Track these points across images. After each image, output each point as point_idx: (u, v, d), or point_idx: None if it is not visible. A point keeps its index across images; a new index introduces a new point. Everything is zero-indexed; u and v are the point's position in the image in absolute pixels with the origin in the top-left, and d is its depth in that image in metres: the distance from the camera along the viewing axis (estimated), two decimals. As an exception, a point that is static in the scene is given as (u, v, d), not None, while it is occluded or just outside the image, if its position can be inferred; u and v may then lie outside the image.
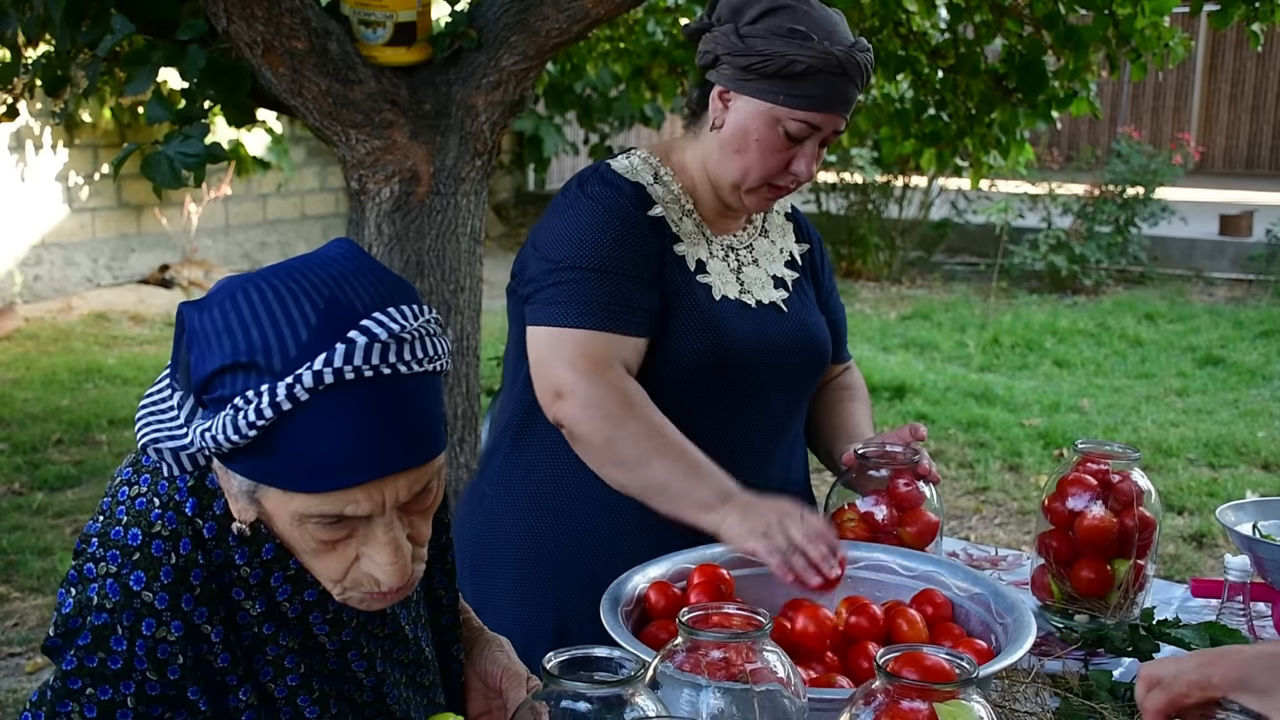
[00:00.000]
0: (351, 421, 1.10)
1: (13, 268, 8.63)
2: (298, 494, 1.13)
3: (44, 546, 4.72)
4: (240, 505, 1.19)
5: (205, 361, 1.12)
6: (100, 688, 1.20)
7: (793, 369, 2.07)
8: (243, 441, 1.11)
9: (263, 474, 1.13)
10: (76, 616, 1.21)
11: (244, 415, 1.09)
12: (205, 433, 1.13)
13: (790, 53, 1.86)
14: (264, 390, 1.09)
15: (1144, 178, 10.22)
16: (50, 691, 1.22)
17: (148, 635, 1.19)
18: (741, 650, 1.32)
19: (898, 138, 4.79)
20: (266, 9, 2.85)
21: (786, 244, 2.17)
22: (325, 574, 1.21)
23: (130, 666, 1.20)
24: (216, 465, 1.19)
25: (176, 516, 1.22)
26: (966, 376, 7.38)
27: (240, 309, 1.12)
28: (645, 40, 6.24)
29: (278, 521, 1.18)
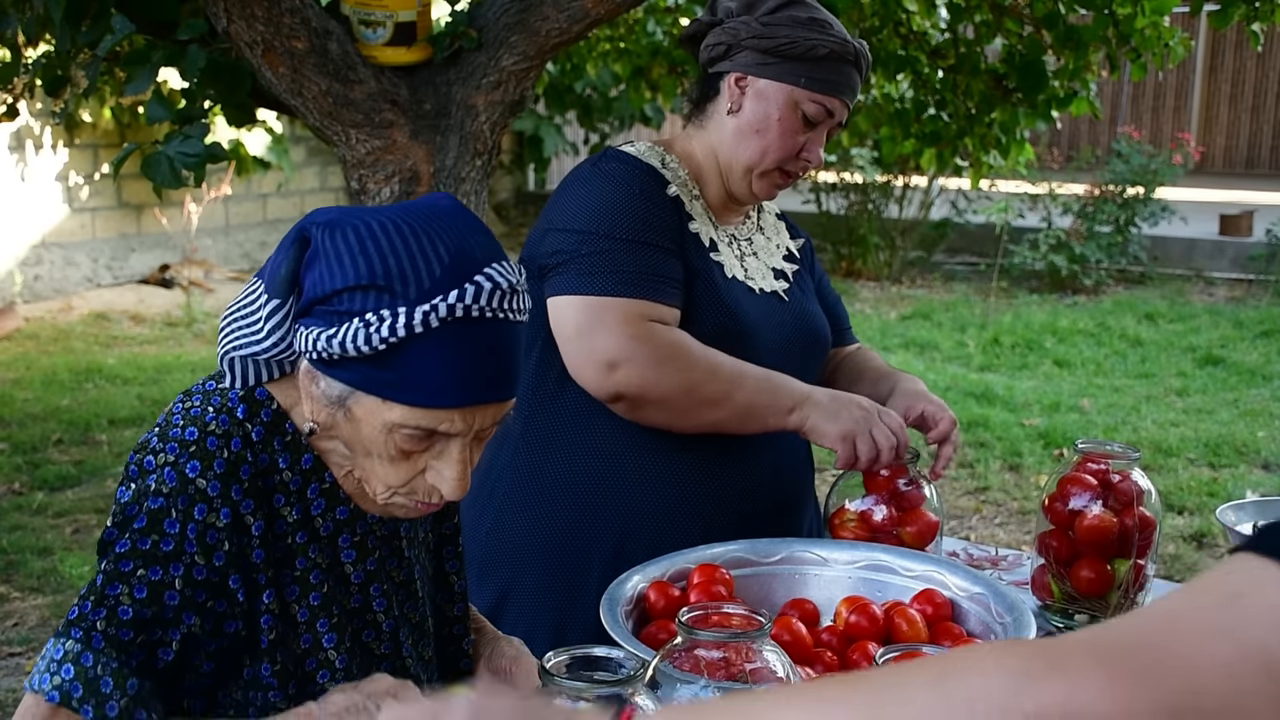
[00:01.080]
0: (464, 352, 1.24)
1: (13, 268, 8.63)
2: (402, 405, 1.25)
3: (44, 546, 4.72)
4: (318, 407, 1.31)
5: (334, 277, 1.25)
6: (151, 569, 1.28)
7: (796, 355, 2.10)
8: (369, 352, 1.23)
9: (373, 383, 1.25)
10: (134, 504, 1.30)
11: (377, 330, 1.23)
12: (322, 338, 1.25)
13: (815, 38, 1.95)
14: (400, 312, 1.22)
15: (1144, 178, 10.22)
16: (100, 577, 1.28)
17: (199, 520, 1.29)
18: (741, 650, 1.32)
19: (898, 138, 4.79)
20: (266, 9, 2.85)
21: (782, 240, 2.23)
22: (386, 479, 1.32)
23: (181, 549, 1.28)
24: (304, 369, 1.30)
25: (229, 419, 1.33)
26: (966, 376, 7.38)
27: (377, 238, 1.26)
28: (645, 40, 6.24)
29: (363, 426, 1.28)
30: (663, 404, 1.91)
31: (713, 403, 1.91)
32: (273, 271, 1.31)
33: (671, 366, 1.88)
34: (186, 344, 8.05)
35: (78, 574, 4.45)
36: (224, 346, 1.36)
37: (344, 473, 1.40)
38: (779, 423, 1.95)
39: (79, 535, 4.89)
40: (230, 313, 1.36)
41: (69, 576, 4.45)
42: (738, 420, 1.94)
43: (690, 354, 1.90)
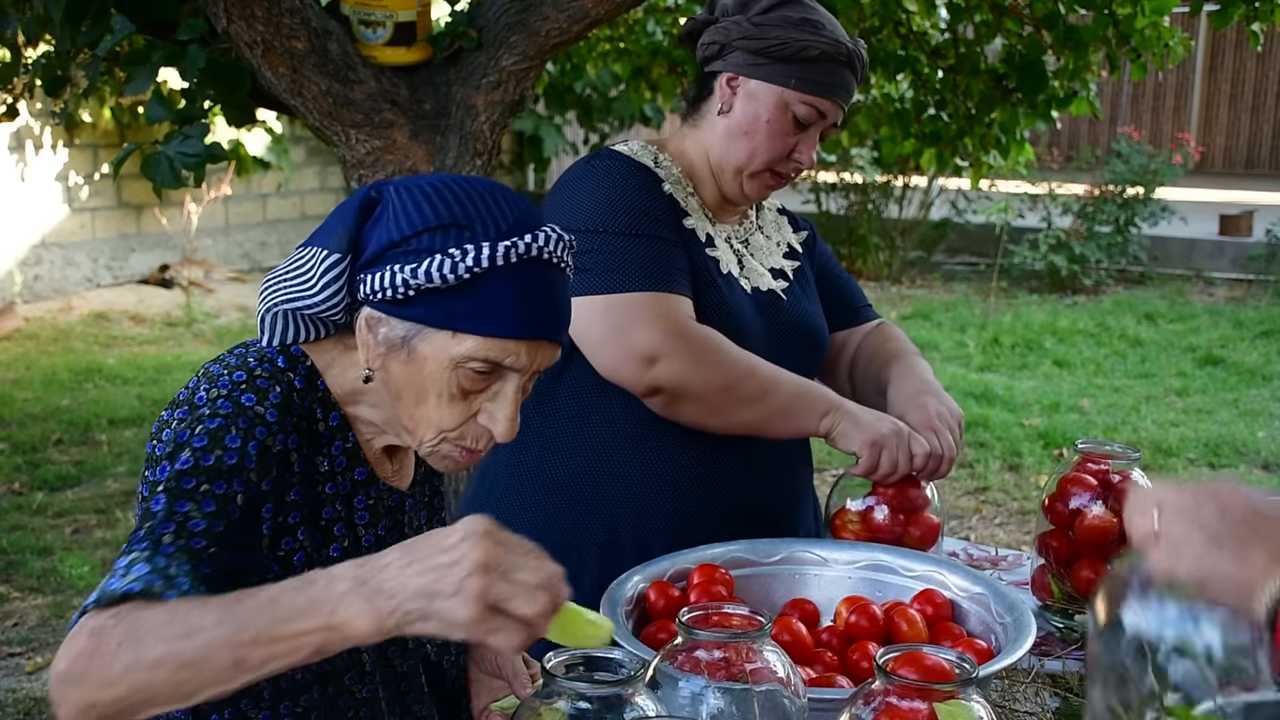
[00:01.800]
0: (533, 289, 1.33)
1: (13, 268, 8.63)
2: (474, 337, 1.32)
3: (44, 546, 4.72)
4: (375, 354, 1.36)
5: (412, 221, 1.32)
6: (216, 483, 1.29)
7: (794, 355, 2.09)
8: (453, 282, 1.30)
9: (448, 316, 1.32)
10: (188, 429, 1.32)
11: (462, 260, 1.30)
12: (399, 275, 1.31)
13: (806, 39, 1.93)
14: (483, 246, 1.31)
15: (1144, 178, 10.22)
16: (162, 498, 1.27)
17: (260, 439, 1.33)
18: (741, 650, 1.32)
19: (898, 138, 4.79)
20: (266, 9, 2.85)
21: (783, 236, 2.21)
22: (440, 421, 1.36)
23: (242, 465, 1.31)
24: (366, 316, 1.35)
25: (271, 367, 1.39)
26: (966, 376, 7.38)
27: (451, 188, 1.36)
28: (645, 40, 6.23)
29: (426, 364, 1.33)
30: (700, 399, 1.91)
31: (749, 402, 1.92)
32: (331, 230, 1.37)
33: (710, 362, 1.89)
34: (186, 344, 8.04)
35: (77, 574, 4.45)
36: (268, 302, 1.40)
37: (368, 438, 1.45)
38: (810, 427, 1.97)
39: (79, 535, 4.89)
40: (275, 275, 1.41)
41: (69, 576, 4.45)
42: (770, 422, 1.96)
43: (728, 352, 1.92)
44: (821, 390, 1.99)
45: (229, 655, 1.11)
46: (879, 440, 1.93)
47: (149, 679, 1.12)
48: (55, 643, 4.01)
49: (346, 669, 1.44)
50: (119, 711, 1.14)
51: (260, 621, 1.12)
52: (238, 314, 8.88)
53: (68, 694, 1.13)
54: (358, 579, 1.13)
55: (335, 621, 1.11)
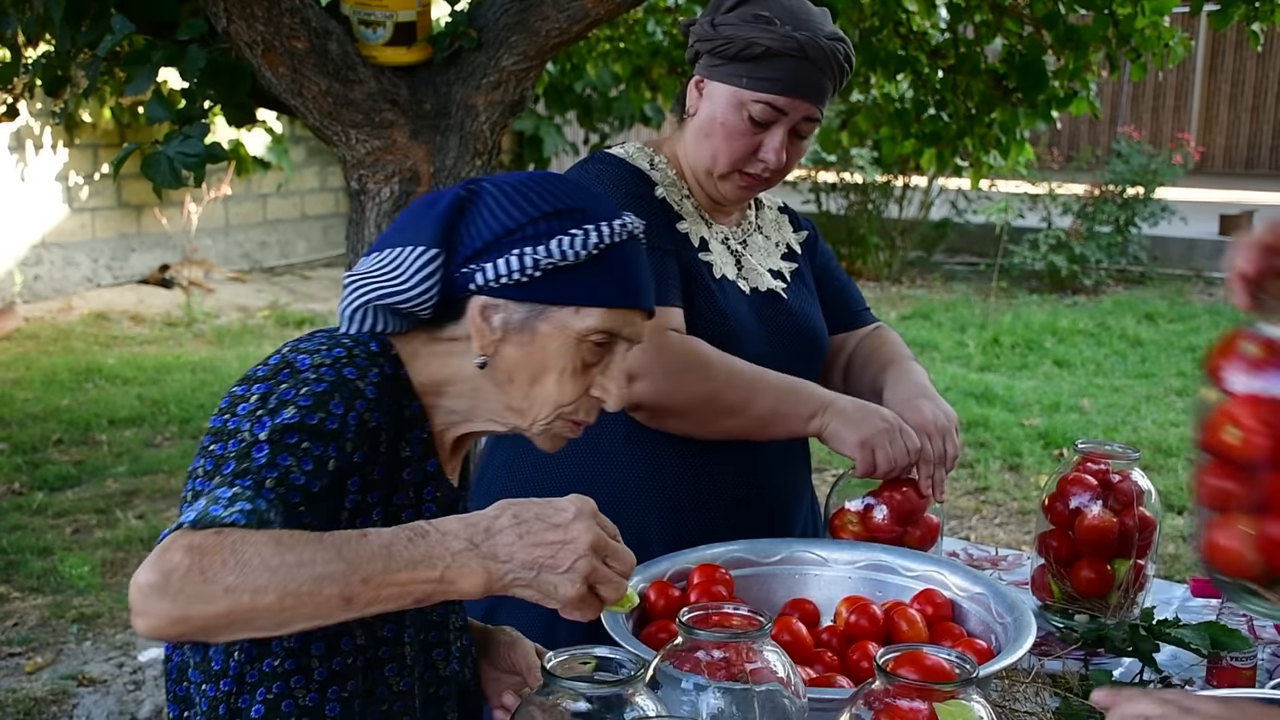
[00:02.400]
0: (640, 263, 1.46)
1: (13, 268, 8.63)
2: (601, 309, 1.41)
3: (44, 546, 4.72)
4: (493, 339, 1.41)
5: (524, 210, 1.40)
6: (315, 444, 1.32)
7: (791, 357, 2.08)
8: (581, 258, 1.39)
9: (574, 292, 1.40)
10: (291, 389, 1.35)
11: (591, 237, 1.40)
12: (525, 258, 1.38)
13: (752, 36, 1.91)
14: (602, 225, 1.41)
15: (1144, 178, 10.22)
16: (266, 447, 1.29)
17: (359, 411, 1.36)
18: (741, 650, 1.32)
19: (898, 138, 4.79)
20: (266, 9, 2.85)
21: (783, 236, 2.19)
22: (559, 397, 1.43)
23: (341, 432, 1.34)
24: (481, 304, 1.40)
25: (366, 350, 1.43)
26: (966, 376, 7.38)
27: (549, 180, 1.45)
28: (645, 40, 6.23)
29: (549, 342, 1.40)
30: (684, 414, 1.91)
31: (733, 411, 1.91)
32: (417, 228, 1.42)
33: (690, 376, 1.89)
34: (186, 344, 8.04)
35: (78, 574, 4.45)
36: (355, 297, 1.44)
37: (441, 429, 1.48)
38: (800, 429, 1.95)
39: (79, 535, 4.89)
40: (361, 273, 1.44)
41: (69, 576, 4.45)
42: (758, 427, 1.94)
43: (708, 362, 1.91)
44: (810, 389, 1.96)
45: (338, 591, 1.17)
46: (869, 440, 1.91)
47: (252, 603, 1.15)
48: (55, 643, 4.01)
49: (389, 661, 1.45)
50: (207, 629, 1.16)
51: (374, 566, 1.18)
52: (238, 314, 8.88)
53: (154, 606, 1.15)
54: (471, 540, 1.21)
55: (449, 576, 1.20)
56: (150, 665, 3.86)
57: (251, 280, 9.88)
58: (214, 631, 1.17)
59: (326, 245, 10.83)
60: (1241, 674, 1.72)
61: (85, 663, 3.88)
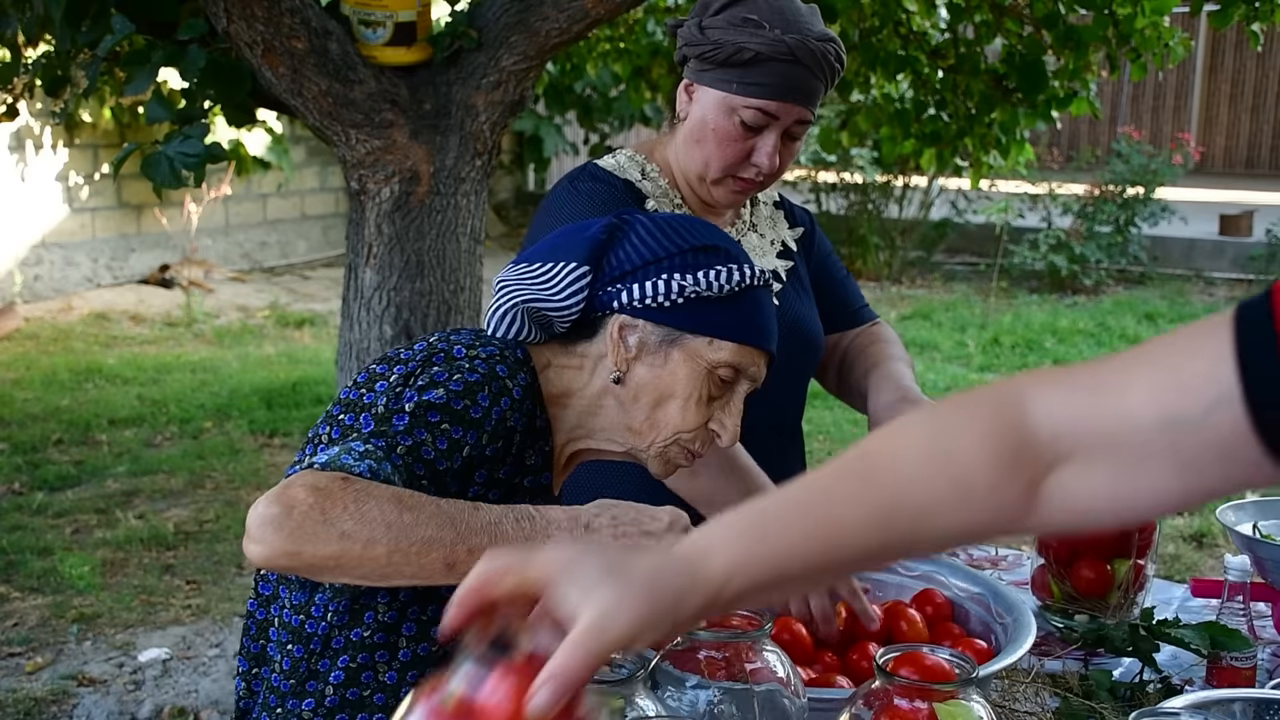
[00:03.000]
0: (768, 308, 1.53)
1: (13, 268, 8.63)
2: (734, 344, 1.47)
3: (44, 546, 4.72)
4: (627, 357, 1.47)
5: (672, 241, 1.48)
6: (455, 428, 1.37)
7: (789, 359, 2.07)
8: (725, 293, 1.46)
9: (712, 324, 1.47)
10: (444, 372, 1.40)
11: (733, 274, 1.47)
12: (672, 283, 1.45)
13: (740, 40, 1.87)
14: (746, 266, 1.49)
15: (1144, 178, 10.22)
16: (406, 418, 1.35)
17: (504, 408, 1.41)
18: (741, 650, 1.32)
19: (898, 138, 4.79)
20: (266, 9, 2.85)
21: (778, 233, 2.17)
22: (682, 423, 1.48)
23: (483, 424, 1.39)
24: (621, 322, 1.47)
25: (514, 355, 1.48)
26: (966, 376, 7.38)
27: (697, 221, 1.55)
28: (645, 40, 6.24)
29: (680, 368, 1.46)
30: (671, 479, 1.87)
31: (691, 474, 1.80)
32: (570, 248, 1.49)
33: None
34: (186, 344, 8.04)
35: (78, 574, 4.45)
36: (511, 296, 1.49)
37: (561, 444, 1.53)
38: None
39: (79, 535, 4.89)
40: (516, 275, 1.50)
41: (69, 576, 4.45)
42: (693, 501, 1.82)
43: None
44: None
45: (443, 558, 1.25)
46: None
47: (363, 552, 1.22)
48: (55, 643, 4.01)
49: None
50: (314, 567, 1.23)
51: (481, 540, 1.25)
52: (238, 314, 8.88)
53: (269, 536, 1.21)
54: (571, 532, 1.27)
55: None
56: (150, 665, 3.87)
57: (251, 280, 9.88)
58: (320, 571, 1.24)
59: (326, 245, 10.83)
60: (1241, 674, 1.72)
61: (85, 663, 3.88)
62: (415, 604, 1.42)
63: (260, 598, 1.49)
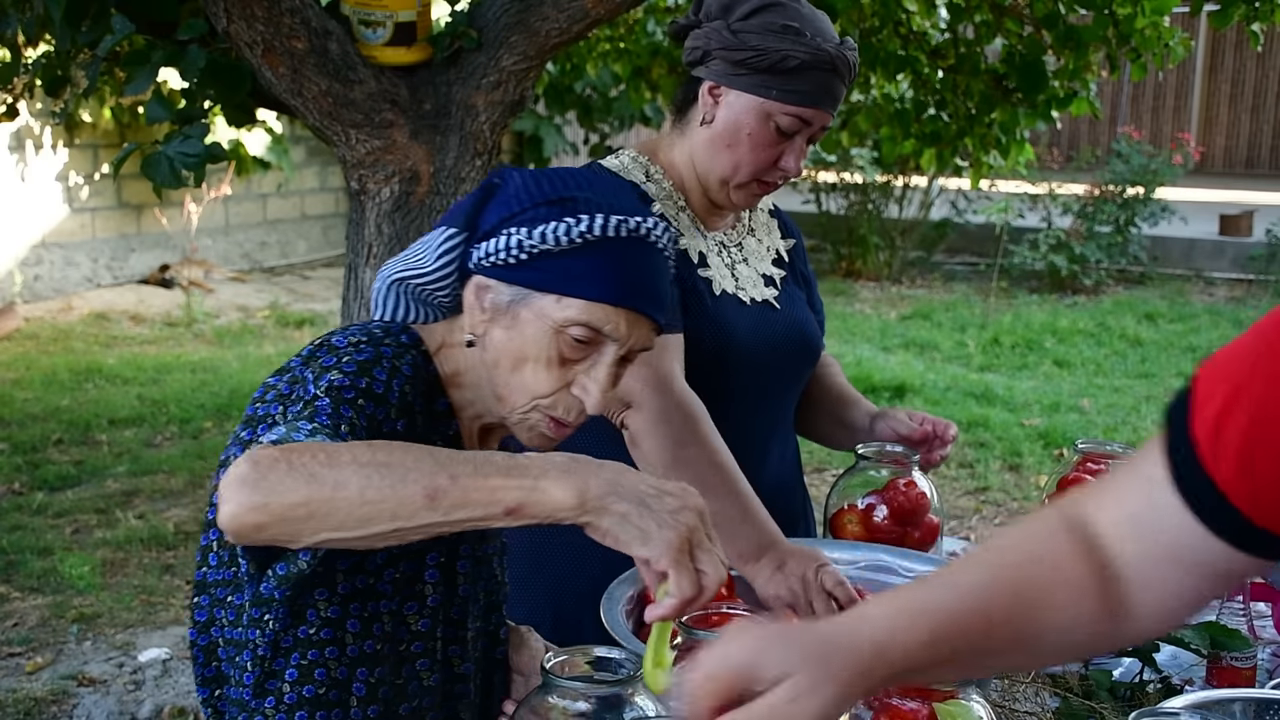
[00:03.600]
0: (641, 264, 1.40)
1: (13, 268, 8.63)
2: (581, 300, 1.36)
3: (44, 546, 4.72)
4: (479, 320, 1.41)
5: (531, 195, 1.39)
6: (368, 403, 1.33)
7: (787, 365, 2.07)
8: (566, 246, 1.36)
9: (556, 280, 1.37)
10: (333, 357, 1.37)
11: (577, 226, 1.36)
12: (515, 238, 1.37)
13: (785, 48, 1.87)
14: (597, 216, 1.37)
15: (1144, 178, 10.23)
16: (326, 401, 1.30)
17: (400, 383, 1.38)
18: (741, 650, 1.31)
19: (898, 138, 4.79)
20: (266, 9, 2.85)
21: (772, 241, 2.17)
22: (535, 388, 1.40)
23: (386, 398, 1.36)
24: (476, 283, 1.40)
25: (396, 339, 1.43)
26: (966, 376, 7.38)
27: (573, 173, 1.44)
28: (645, 40, 6.24)
29: (527, 329, 1.38)
30: (642, 458, 1.85)
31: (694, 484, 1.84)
32: (453, 213, 1.44)
33: (666, 430, 1.83)
34: (186, 344, 8.05)
35: (78, 574, 4.46)
36: (386, 275, 1.46)
37: (467, 421, 1.48)
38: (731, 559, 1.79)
39: (79, 535, 4.89)
40: (399, 256, 1.47)
41: (69, 576, 4.45)
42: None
43: (692, 433, 1.84)
44: (762, 533, 1.82)
45: (423, 488, 1.16)
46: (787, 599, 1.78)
47: (333, 494, 1.15)
48: (55, 643, 4.01)
49: (420, 656, 1.45)
50: (286, 519, 1.15)
51: (464, 468, 1.17)
52: (238, 314, 8.88)
53: (236, 493, 1.15)
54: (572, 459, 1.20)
55: (540, 484, 1.17)
56: (150, 665, 3.87)
57: (251, 280, 9.88)
58: (294, 523, 1.16)
59: (326, 245, 10.84)
60: (1241, 674, 1.72)
61: (85, 663, 3.88)
62: (356, 600, 1.38)
63: (197, 624, 1.45)
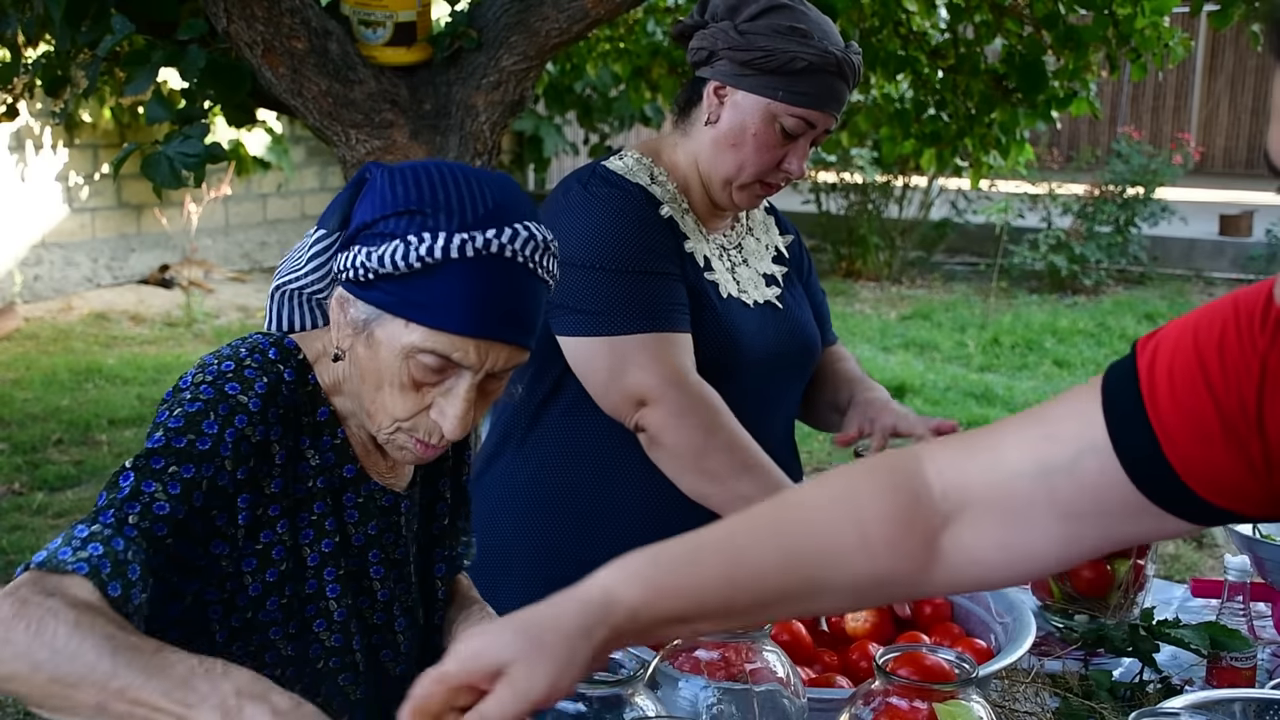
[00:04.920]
0: (490, 287, 1.30)
1: (13, 268, 8.63)
2: (424, 328, 1.29)
3: (44, 546, 4.72)
4: (344, 334, 1.35)
5: (384, 204, 1.31)
6: (185, 466, 1.28)
7: (790, 366, 2.08)
8: (405, 269, 1.28)
9: (400, 304, 1.30)
10: (166, 410, 1.32)
11: (415, 249, 1.28)
12: (360, 257, 1.31)
13: (793, 50, 1.87)
14: (440, 236, 1.28)
15: (1144, 178, 10.22)
16: (131, 475, 1.26)
17: (239, 427, 1.31)
18: (741, 650, 1.32)
19: (898, 138, 4.79)
20: (266, 9, 2.85)
21: (771, 239, 2.18)
22: (394, 410, 1.35)
23: (216, 451, 1.30)
24: (337, 295, 1.35)
25: (262, 358, 1.37)
26: (966, 376, 7.38)
27: (430, 174, 1.33)
28: (645, 40, 6.24)
29: (381, 351, 1.32)
30: (667, 455, 1.87)
31: (711, 476, 1.85)
32: (329, 210, 1.39)
33: (691, 422, 1.84)
34: (186, 344, 8.04)
35: (78, 574, 4.46)
36: (272, 283, 1.43)
37: (355, 432, 1.44)
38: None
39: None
40: (288, 256, 1.43)
41: (69, 576, 4.45)
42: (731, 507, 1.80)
43: (716, 420, 1.85)
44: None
45: (94, 695, 1.10)
46: None
47: (28, 677, 1.12)
48: (55, 643, 4.01)
49: (340, 671, 1.43)
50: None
51: (133, 678, 1.10)
52: (237, 314, 8.88)
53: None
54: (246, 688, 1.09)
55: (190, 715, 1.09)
56: (150, 665, 3.87)
57: (251, 280, 9.88)
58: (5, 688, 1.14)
59: (326, 245, 10.84)
60: (1241, 674, 1.72)
61: (85, 663, 3.88)
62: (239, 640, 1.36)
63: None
